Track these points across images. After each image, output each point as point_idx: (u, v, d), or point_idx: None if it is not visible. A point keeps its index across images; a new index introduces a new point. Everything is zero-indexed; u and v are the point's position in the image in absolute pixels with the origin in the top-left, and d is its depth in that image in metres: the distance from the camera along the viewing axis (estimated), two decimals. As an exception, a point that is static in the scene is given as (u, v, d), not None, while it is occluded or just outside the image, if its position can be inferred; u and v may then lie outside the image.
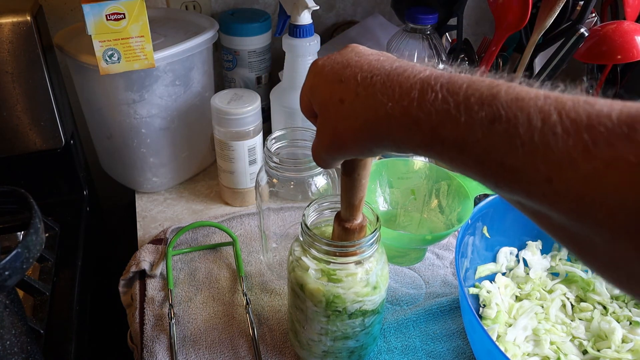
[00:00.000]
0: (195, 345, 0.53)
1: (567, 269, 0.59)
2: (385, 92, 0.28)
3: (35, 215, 0.40)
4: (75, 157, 0.72)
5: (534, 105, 0.22)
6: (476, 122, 0.23)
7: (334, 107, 0.31)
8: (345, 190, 0.40)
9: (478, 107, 0.23)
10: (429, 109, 0.25)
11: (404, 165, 0.62)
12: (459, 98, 0.24)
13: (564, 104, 0.21)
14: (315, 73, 0.34)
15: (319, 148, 0.34)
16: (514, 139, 0.22)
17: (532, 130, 0.21)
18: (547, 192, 0.21)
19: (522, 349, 0.51)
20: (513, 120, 0.22)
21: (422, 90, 0.26)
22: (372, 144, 0.30)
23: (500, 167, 0.23)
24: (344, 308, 0.43)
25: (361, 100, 0.29)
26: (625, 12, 0.66)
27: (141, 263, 0.61)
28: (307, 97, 0.35)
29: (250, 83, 0.83)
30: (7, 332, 0.39)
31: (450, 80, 0.25)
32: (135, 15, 0.57)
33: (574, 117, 0.21)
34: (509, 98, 0.23)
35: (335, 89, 0.31)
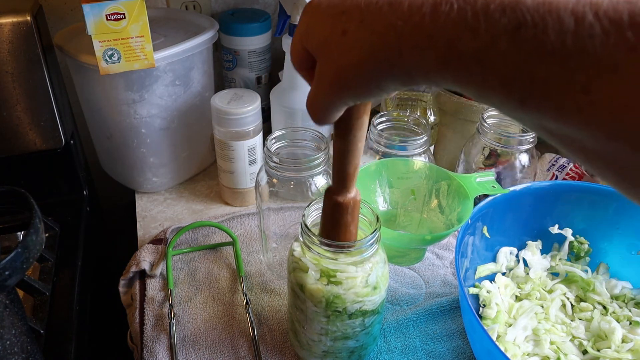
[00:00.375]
0: (195, 345, 0.53)
1: (567, 269, 0.59)
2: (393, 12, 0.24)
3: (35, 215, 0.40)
4: (75, 157, 0.72)
5: (564, 8, 0.19)
6: (499, 30, 0.20)
7: (335, 41, 0.27)
8: (339, 156, 0.36)
9: (499, 13, 0.20)
10: (443, 22, 0.22)
11: (404, 165, 0.62)
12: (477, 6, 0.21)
13: (599, 3, 0.19)
14: (310, 13, 0.30)
15: (318, 94, 0.30)
16: (544, 46, 0.19)
17: (565, 34, 0.19)
18: (583, 104, 0.19)
19: (522, 349, 0.51)
20: (541, 24, 0.19)
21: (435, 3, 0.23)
22: (380, 75, 0.26)
23: (529, 80, 0.20)
24: (344, 308, 0.43)
25: (366, 26, 0.25)
26: None
27: (141, 263, 0.61)
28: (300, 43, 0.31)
29: (250, 83, 0.83)
30: (7, 332, 0.39)
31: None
32: (135, 15, 0.57)
33: (613, 16, 0.18)
34: (535, 2, 0.20)
35: (336, 22, 0.27)
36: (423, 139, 0.62)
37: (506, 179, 0.66)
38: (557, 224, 0.60)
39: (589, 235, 0.59)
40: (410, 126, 0.65)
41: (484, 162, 0.67)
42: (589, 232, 0.59)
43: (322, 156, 0.53)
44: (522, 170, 0.66)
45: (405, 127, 0.65)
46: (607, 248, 0.59)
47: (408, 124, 0.65)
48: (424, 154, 0.63)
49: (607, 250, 0.59)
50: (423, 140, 0.62)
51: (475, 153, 0.67)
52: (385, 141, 0.62)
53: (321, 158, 0.53)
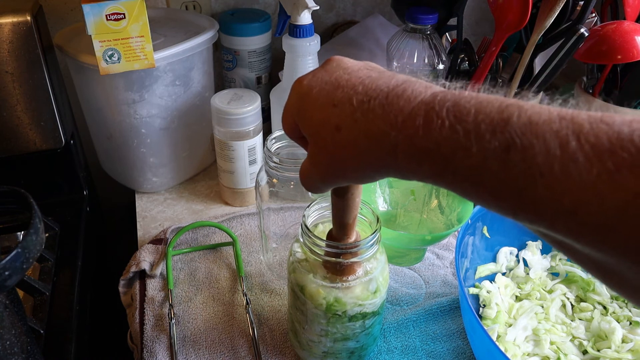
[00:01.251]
0: (195, 345, 0.53)
1: (567, 269, 0.59)
2: (386, 118, 0.25)
3: (35, 215, 0.40)
4: (75, 157, 0.72)
5: (550, 130, 0.20)
6: (489, 152, 0.22)
7: (329, 134, 0.28)
8: (338, 211, 0.38)
9: (490, 135, 0.22)
10: (436, 139, 0.23)
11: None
12: (469, 125, 0.22)
13: (581, 127, 0.20)
14: (301, 95, 0.31)
15: (313, 176, 0.31)
16: (533, 170, 0.20)
17: (552, 160, 0.20)
18: (571, 224, 0.20)
19: (522, 349, 0.51)
20: (529, 148, 0.21)
21: (427, 117, 0.24)
22: (375, 172, 0.28)
23: (519, 199, 0.21)
24: (344, 311, 0.43)
25: (360, 128, 0.26)
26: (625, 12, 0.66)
27: (141, 263, 0.61)
28: (292, 119, 0.32)
29: (250, 83, 0.83)
30: (7, 332, 0.39)
31: (456, 103, 0.24)
32: (135, 15, 0.57)
33: (594, 142, 0.19)
34: (522, 123, 0.21)
35: (328, 114, 0.28)
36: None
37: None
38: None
39: (589, 236, 0.59)
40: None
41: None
42: (589, 232, 0.59)
43: (322, 156, 0.53)
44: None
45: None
46: (607, 248, 0.59)
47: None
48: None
49: (607, 251, 0.59)
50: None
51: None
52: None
53: (321, 158, 0.53)
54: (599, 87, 0.70)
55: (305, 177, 0.32)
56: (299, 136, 0.33)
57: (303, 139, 0.33)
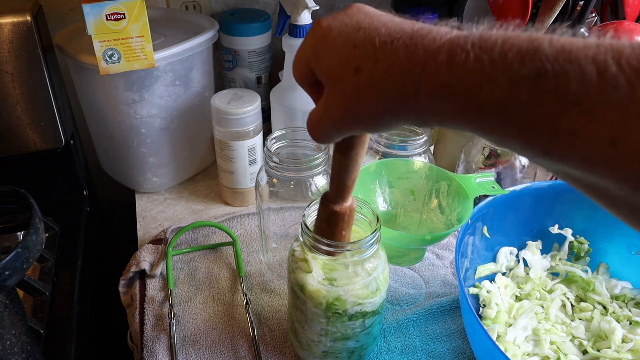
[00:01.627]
0: (195, 345, 0.53)
1: (567, 269, 0.59)
2: (409, 57, 0.24)
3: (35, 215, 0.40)
4: (75, 157, 0.72)
5: (585, 56, 0.19)
6: (518, 81, 0.20)
7: (348, 75, 0.27)
8: (339, 170, 0.36)
9: (518, 63, 0.20)
10: (460, 71, 0.22)
11: (404, 165, 0.62)
12: (494, 55, 0.21)
13: (621, 51, 0.18)
14: (319, 37, 0.29)
15: (325, 121, 0.29)
16: (567, 97, 0.19)
17: (588, 86, 0.18)
18: (610, 156, 0.18)
19: (522, 349, 0.51)
20: (562, 75, 0.19)
21: (451, 51, 0.23)
22: (394, 116, 0.26)
23: (552, 132, 0.20)
24: (344, 310, 0.43)
25: (382, 68, 0.25)
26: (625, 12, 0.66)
27: (141, 263, 0.61)
28: (306, 63, 0.30)
29: (250, 83, 0.83)
30: (7, 332, 0.39)
31: (482, 37, 0.22)
32: (135, 15, 0.57)
33: (637, 66, 0.18)
34: (554, 50, 0.19)
35: (348, 55, 0.27)
36: (423, 139, 0.62)
37: (506, 179, 0.66)
38: (557, 224, 0.60)
39: (589, 235, 0.59)
40: (410, 126, 0.65)
41: (484, 162, 0.67)
42: (589, 232, 0.59)
43: (322, 156, 0.53)
44: (522, 171, 0.66)
45: (405, 127, 0.65)
46: (607, 248, 0.59)
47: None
48: (424, 154, 0.63)
49: (607, 250, 0.59)
50: (423, 140, 0.62)
51: (475, 153, 0.67)
52: (385, 141, 0.62)
53: (321, 158, 0.53)
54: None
55: (315, 123, 0.30)
56: (311, 82, 0.31)
57: (314, 86, 0.31)
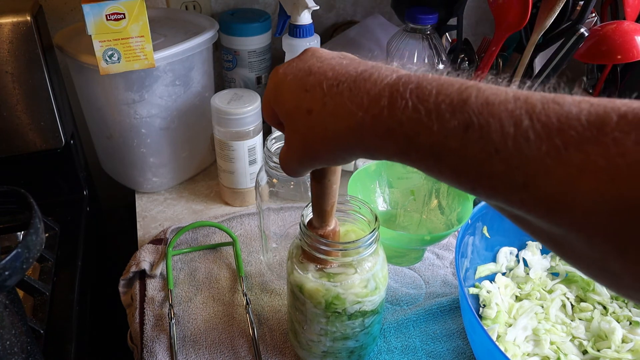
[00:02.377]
0: (195, 345, 0.53)
1: (567, 269, 0.59)
2: (353, 100, 0.27)
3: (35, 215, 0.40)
4: (75, 157, 0.72)
5: (505, 110, 0.22)
6: (449, 131, 0.23)
7: (301, 117, 0.30)
8: (316, 197, 0.39)
9: (450, 114, 0.23)
10: (399, 118, 0.25)
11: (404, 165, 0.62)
12: (430, 105, 0.24)
13: (534, 107, 0.21)
14: (276, 82, 0.33)
15: (290, 159, 0.33)
16: (489, 146, 0.22)
17: (506, 137, 0.22)
18: (524, 197, 0.22)
19: (522, 349, 0.51)
20: (486, 127, 0.22)
21: (392, 98, 0.25)
22: (345, 153, 0.29)
23: (477, 174, 0.23)
24: (344, 309, 0.43)
25: (329, 110, 0.28)
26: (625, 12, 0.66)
27: (141, 263, 0.61)
28: (270, 107, 0.34)
29: (250, 83, 0.83)
30: (7, 332, 0.39)
31: (419, 85, 0.25)
32: (135, 15, 0.57)
33: (545, 121, 0.21)
34: (479, 103, 0.23)
35: (300, 99, 0.30)
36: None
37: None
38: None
39: (589, 235, 0.59)
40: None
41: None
42: (589, 232, 0.59)
43: (322, 156, 0.53)
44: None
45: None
46: (607, 248, 0.59)
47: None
48: (424, 154, 0.63)
49: (607, 250, 0.59)
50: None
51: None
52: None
53: (321, 158, 0.53)
54: (599, 87, 0.70)
55: (283, 161, 0.34)
56: (277, 122, 0.35)
57: (281, 126, 0.34)
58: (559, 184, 0.20)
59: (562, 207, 0.20)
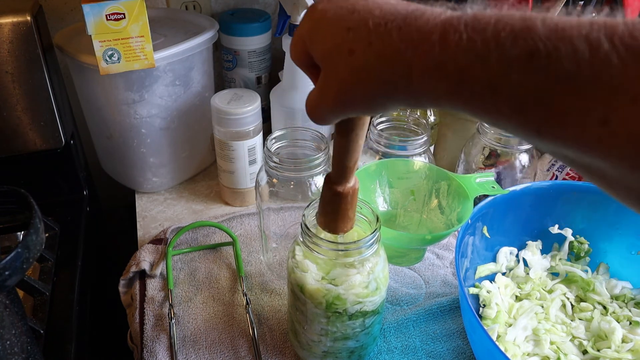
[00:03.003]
0: (195, 345, 0.53)
1: (567, 269, 0.59)
2: (403, 38, 0.24)
3: (35, 215, 0.40)
4: (75, 157, 0.72)
5: (578, 34, 0.19)
6: (510, 60, 0.20)
7: (342, 58, 0.27)
8: (340, 152, 0.37)
9: (511, 42, 0.20)
10: (453, 52, 0.22)
11: (404, 165, 0.62)
12: (487, 35, 0.21)
13: (614, 28, 0.18)
14: (314, 19, 0.29)
15: (321, 104, 0.30)
16: (558, 76, 0.19)
17: (580, 64, 0.18)
18: (603, 135, 0.18)
19: (522, 349, 0.51)
20: (554, 53, 0.19)
21: (444, 32, 0.22)
22: (387, 98, 0.26)
23: (544, 111, 0.20)
24: (344, 309, 0.43)
25: (375, 50, 0.25)
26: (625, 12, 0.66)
27: (141, 263, 0.61)
28: (302, 45, 0.31)
29: (250, 83, 0.83)
30: (7, 332, 0.39)
31: (475, 17, 0.22)
32: (135, 15, 0.57)
33: (630, 43, 0.18)
34: (547, 29, 0.19)
35: (342, 38, 0.27)
36: (423, 139, 0.62)
37: (506, 179, 0.66)
38: (557, 224, 0.60)
39: (589, 235, 0.59)
40: (410, 126, 0.65)
41: (484, 162, 0.67)
42: (589, 232, 0.59)
43: (322, 156, 0.53)
44: (522, 170, 0.66)
45: (405, 127, 0.65)
46: (607, 248, 0.59)
47: (408, 124, 0.65)
48: (424, 154, 0.63)
49: (607, 250, 0.59)
50: (423, 140, 0.62)
51: (475, 153, 0.67)
52: (385, 141, 0.62)
53: (321, 158, 0.53)
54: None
55: (312, 105, 0.31)
56: (308, 64, 0.32)
57: (312, 68, 0.32)
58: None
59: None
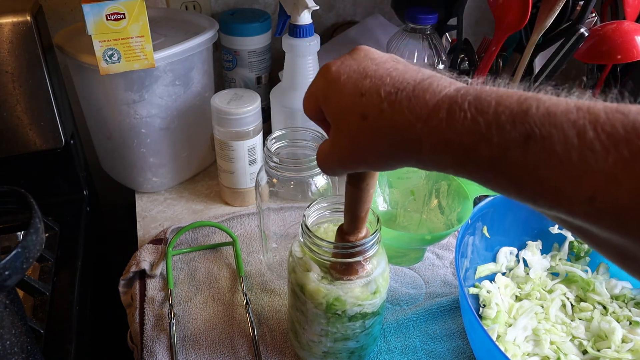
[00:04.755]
0: (195, 345, 0.53)
1: (567, 269, 0.59)
2: (412, 110, 0.26)
3: (35, 215, 0.40)
4: (75, 157, 0.72)
5: (567, 120, 0.21)
6: (510, 142, 0.23)
7: (355, 121, 0.29)
8: (351, 202, 0.38)
9: (510, 125, 0.23)
10: (459, 130, 0.24)
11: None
12: (489, 117, 0.23)
13: (597, 117, 0.21)
14: (329, 80, 0.32)
15: (332, 158, 0.32)
16: (552, 158, 0.21)
17: (570, 149, 0.21)
18: (589, 210, 0.21)
19: (522, 349, 0.51)
20: (548, 138, 0.21)
21: (450, 110, 0.25)
22: (397, 161, 0.29)
23: (539, 187, 0.22)
24: (344, 311, 0.43)
25: (386, 118, 0.28)
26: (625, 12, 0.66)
27: (141, 263, 0.61)
28: (315, 102, 0.33)
29: (250, 83, 0.83)
30: (7, 332, 0.39)
31: (477, 97, 0.25)
32: (135, 15, 0.57)
33: (610, 131, 0.20)
34: (540, 114, 0.22)
35: (355, 102, 0.29)
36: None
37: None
38: (557, 224, 0.59)
39: (589, 235, 0.59)
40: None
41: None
42: (589, 232, 0.59)
43: (322, 156, 0.53)
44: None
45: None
46: (607, 248, 0.59)
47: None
48: (424, 154, 0.63)
49: (607, 250, 0.59)
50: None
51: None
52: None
53: (321, 158, 0.53)
54: (599, 87, 0.70)
55: (323, 158, 0.33)
56: (320, 118, 0.34)
57: (323, 122, 0.34)
58: (629, 195, 0.20)
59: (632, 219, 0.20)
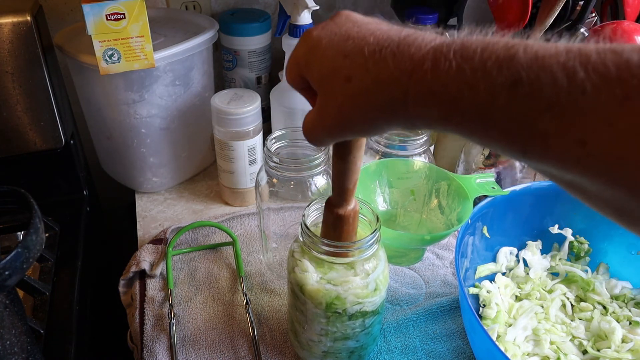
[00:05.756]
0: (195, 345, 0.53)
1: (567, 269, 0.59)
2: (397, 65, 0.25)
3: (35, 215, 0.40)
4: (75, 157, 0.72)
5: (556, 63, 0.20)
6: (496, 88, 0.22)
7: (339, 84, 0.28)
8: (339, 174, 0.38)
9: (496, 71, 0.22)
10: (444, 80, 0.23)
11: (404, 165, 0.62)
12: (475, 64, 0.22)
13: (588, 57, 0.20)
14: (310, 45, 0.31)
15: (318, 126, 0.31)
16: (540, 102, 0.20)
17: (559, 91, 0.20)
18: (581, 156, 0.20)
19: (522, 349, 0.51)
20: (536, 81, 0.20)
21: (435, 60, 0.24)
22: (384, 122, 0.27)
23: (528, 134, 0.21)
24: (344, 309, 0.43)
25: (372, 77, 0.27)
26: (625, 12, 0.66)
27: (141, 263, 0.61)
28: (298, 69, 0.32)
29: (250, 83, 0.83)
30: (7, 332, 0.39)
31: (463, 45, 0.23)
32: (135, 15, 0.57)
33: (602, 71, 0.19)
34: (528, 57, 0.21)
35: (339, 65, 0.28)
36: (423, 139, 0.62)
37: (506, 179, 0.66)
38: (557, 224, 0.60)
39: (589, 235, 0.59)
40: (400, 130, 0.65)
41: (484, 162, 0.67)
42: (589, 232, 0.59)
43: (322, 156, 0.53)
44: (522, 170, 0.66)
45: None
46: (607, 248, 0.59)
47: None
48: (424, 154, 0.63)
49: (607, 250, 0.59)
50: (423, 140, 0.62)
51: (475, 153, 0.67)
52: (385, 141, 0.62)
53: (321, 158, 0.53)
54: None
55: (310, 128, 0.32)
56: (303, 87, 0.33)
57: (307, 90, 0.33)
58: (622, 137, 0.18)
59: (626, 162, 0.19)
